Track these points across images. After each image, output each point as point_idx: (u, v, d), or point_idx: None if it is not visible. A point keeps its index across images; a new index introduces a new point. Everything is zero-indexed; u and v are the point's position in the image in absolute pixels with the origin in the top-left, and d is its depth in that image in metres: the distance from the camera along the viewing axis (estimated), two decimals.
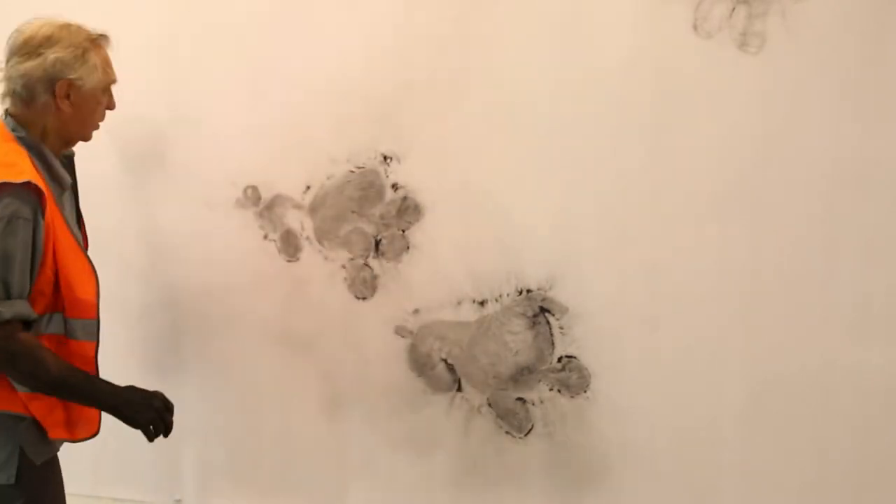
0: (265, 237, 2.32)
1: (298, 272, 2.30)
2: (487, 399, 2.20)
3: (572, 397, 2.13)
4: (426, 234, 2.20)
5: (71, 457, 1.88)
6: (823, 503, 1.99)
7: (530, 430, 2.17)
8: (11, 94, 1.73)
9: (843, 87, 1.89)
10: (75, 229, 1.78)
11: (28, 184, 1.61)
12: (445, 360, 2.22)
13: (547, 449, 2.16)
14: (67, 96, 1.73)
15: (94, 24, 1.80)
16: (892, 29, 1.86)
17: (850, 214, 1.92)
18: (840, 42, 1.88)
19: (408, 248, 2.21)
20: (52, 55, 1.70)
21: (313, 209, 2.28)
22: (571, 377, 2.13)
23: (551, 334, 2.13)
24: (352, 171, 2.24)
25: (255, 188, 2.31)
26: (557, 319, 2.12)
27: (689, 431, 2.05)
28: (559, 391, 2.14)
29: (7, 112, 1.75)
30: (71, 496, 1.84)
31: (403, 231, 2.22)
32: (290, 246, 2.31)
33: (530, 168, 2.10)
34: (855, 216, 1.91)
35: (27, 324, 1.65)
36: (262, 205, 2.31)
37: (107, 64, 1.80)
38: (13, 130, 1.72)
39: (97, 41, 1.78)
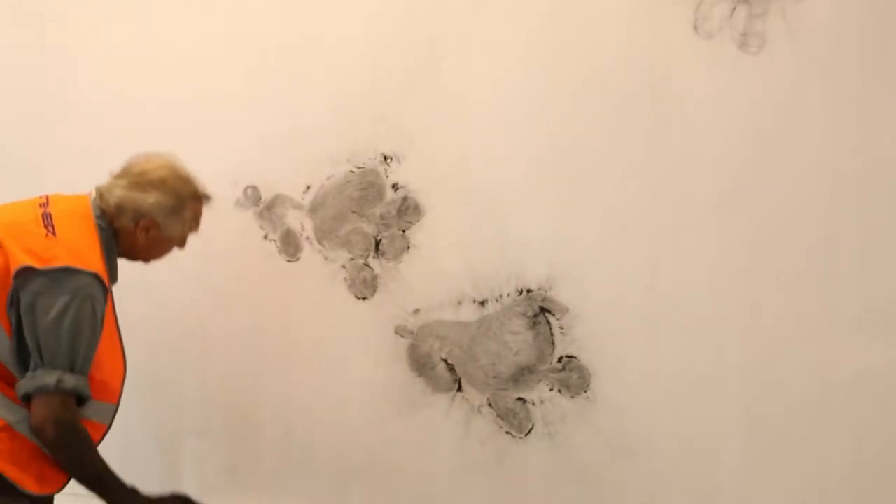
0: (265, 237, 2.32)
1: (298, 272, 2.30)
2: (487, 399, 2.20)
3: (572, 397, 2.13)
4: (426, 234, 2.19)
5: None
6: (823, 503, 1.99)
7: (530, 430, 2.17)
8: (105, 197, 1.82)
9: (843, 87, 1.89)
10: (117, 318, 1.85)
11: (97, 274, 1.70)
12: (445, 360, 2.22)
13: (547, 449, 2.16)
14: (147, 230, 1.82)
15: (96, 23, 1.78)
16: (892, 29, 1.86)
17: (850, 214, 1.92)
18: (840, 42, 1.88)
19: (408, 248, 2.21)
20: (152, 198, 1.80)
21: (313, 209, 2.28)
22: (572, 377, 2.12)
23: (551, 334, 2.13)
24: (352, 171, 2.24)
25: (255, 188, 2.31)
26: (558, 319, 2.12)
27: (689, 431, 2.05)
28: (559, 391, 2.14)
29: (98, 197, 1.83)
30: (71, 496, 1.83)
31: (403, 231, 2.21)
32: (290, 246, 2.31)
33: (530, 168, 2.10)
34: (855, 216, 1.91)
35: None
36: (262, 205, 2.31)
37: (195, 218, 1.90)
38: (97, 217, 1.79)
39: (200, 198, 1.89)
